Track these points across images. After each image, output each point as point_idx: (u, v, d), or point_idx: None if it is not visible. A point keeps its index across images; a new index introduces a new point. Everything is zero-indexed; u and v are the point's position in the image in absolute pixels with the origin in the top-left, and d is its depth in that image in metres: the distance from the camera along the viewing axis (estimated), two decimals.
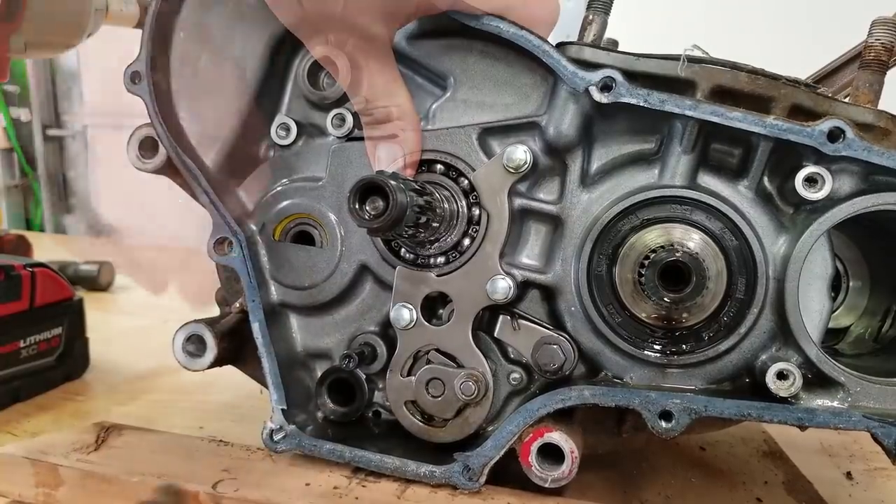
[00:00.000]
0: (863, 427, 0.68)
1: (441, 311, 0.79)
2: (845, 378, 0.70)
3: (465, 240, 0.75)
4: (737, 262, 0.72)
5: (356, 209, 0.63)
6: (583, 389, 0.73)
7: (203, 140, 0.84)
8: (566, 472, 0.72)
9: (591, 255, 0.75)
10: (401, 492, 0.75)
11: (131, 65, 0.79)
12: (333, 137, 0.81)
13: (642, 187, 0.75)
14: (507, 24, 0.73)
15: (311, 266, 0.82)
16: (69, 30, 1.16)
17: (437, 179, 0.76)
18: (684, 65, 0.72)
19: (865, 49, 0.80)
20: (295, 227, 0.82)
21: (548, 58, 0.72)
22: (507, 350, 0.79)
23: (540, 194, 0.78)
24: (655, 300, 0.71)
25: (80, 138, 4.69)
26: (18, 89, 4.41)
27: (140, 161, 0.82)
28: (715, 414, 0.70)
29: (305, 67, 0.85)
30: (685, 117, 0.70)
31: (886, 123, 0.74)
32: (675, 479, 0.90)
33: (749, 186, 0.74)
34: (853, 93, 0.80)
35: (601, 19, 0.80)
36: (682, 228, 0.72)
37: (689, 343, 0.74)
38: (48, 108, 4.64)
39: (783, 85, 0.72)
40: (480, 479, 0.74)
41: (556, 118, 0.74)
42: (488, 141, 0.77)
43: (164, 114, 0.80)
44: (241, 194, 0.85)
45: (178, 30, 0.82)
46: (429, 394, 0.77)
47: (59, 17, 1.13)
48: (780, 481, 0.91)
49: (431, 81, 0.82)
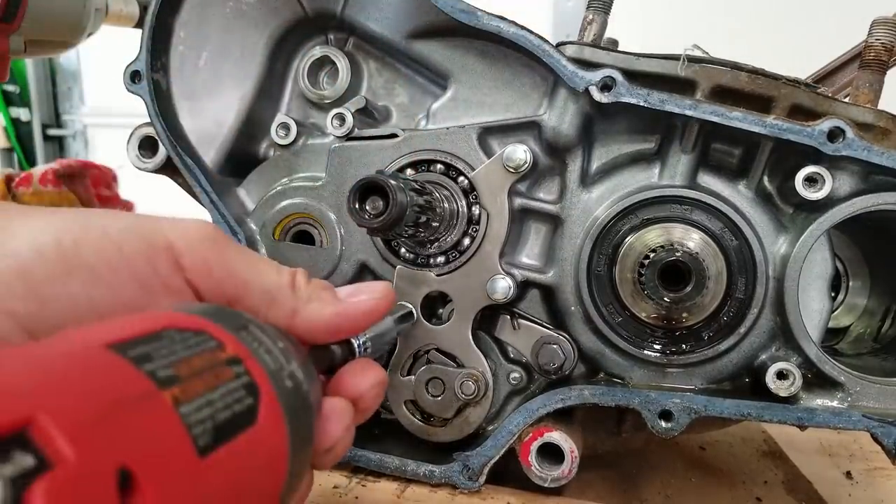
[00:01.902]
0: (862, 427, 0.68)
1: (441, 310, 0.79)
2: (845, 378, 0.71)
3: (465, 239, 0.75)
4: (737, 261, 0.72)
5: (356, 209, 0.63)
6: (583, 389, 0.73)
7: (203, 140, 0.84)
8: (566, 472, 0.72)
9: (591, 255, 0.75)
10: (400, 491, 0.75)
11: (131, 65, 0.79)
12: (333, 137, 0.81)
13: (642, 187, 0.75)
14: (507, 24, 0.73)
15: (311, 265, 0.82)
16: (69, 30, 1.16)
17: (436, 179, 0.76)
18: (684, 64, 0.72)
19: (865, 49, 0.80)
20: (295, 226, 0.82)
21: (548, 57, 0.72)
22: (507, 350, 0.79)
23: (540, 194, 0.78)
24: (655, 300, 0.71)
25: (80, 138, 4.69)
26: (18, 89, 4.41)
27: (140, 161, 0.82)
28: (715, 413, 0.71)
29: (305, 67, 0.85)
30: (685, 117, 0.70)
31: (886, 123, 0.74)
32: (675, 479, 0.90)
33: (749, 186, 0.74)
34: (853, 93, 0.80)
35: (601, 19, 0.80)
36: (681, 228, 0.72)
37: (688, 343, 0.74)
38: (48, 108, 4.63)
39: (783, 85, 0.72)
40: (480, 478, 0.75)
41: (555, 118, 0.74)
42: (488, 140, 0.77)
43: (164, 113, 0.80)
44: (241, 194, 0.85)
45: (178, 30, 0.83)
46: (428, 393, 0.77)
47: (59, 17, 1.13)
48: (779, 481, 0.91)
49: (431, 81, 0.82)
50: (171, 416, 0.31)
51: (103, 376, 0.30)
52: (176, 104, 0.83)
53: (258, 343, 0.41)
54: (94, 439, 0.27)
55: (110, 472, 0.26)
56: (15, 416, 0.25)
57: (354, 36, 0.85)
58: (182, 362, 0.34)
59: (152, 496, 0.28)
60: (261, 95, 0.85)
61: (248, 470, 0.35)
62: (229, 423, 0.34)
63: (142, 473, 0.27)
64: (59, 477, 0.24)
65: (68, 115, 4.68)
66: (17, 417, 0.25)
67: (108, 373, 0.30)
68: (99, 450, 0.26)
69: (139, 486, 0.27)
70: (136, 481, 0.27)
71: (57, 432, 0.25)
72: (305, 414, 0.42)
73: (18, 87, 4.40)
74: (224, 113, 0.84)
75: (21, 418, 0.25)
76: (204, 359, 0.36)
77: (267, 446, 0.37)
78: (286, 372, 0.41)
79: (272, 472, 0.38)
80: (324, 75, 0.86)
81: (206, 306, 0.44)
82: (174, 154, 0.80)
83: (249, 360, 0.38)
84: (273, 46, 0.84)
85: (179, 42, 0.83)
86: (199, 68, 0.84)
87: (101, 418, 0.28)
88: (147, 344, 0.33)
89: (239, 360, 0.38)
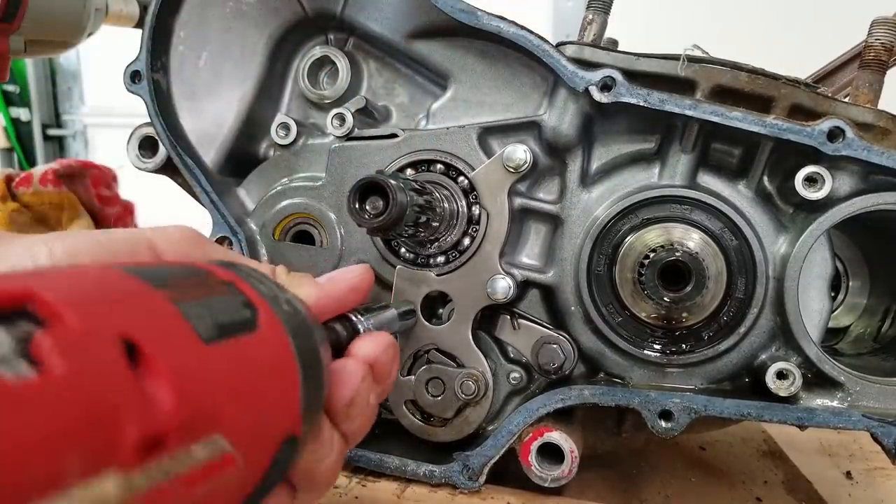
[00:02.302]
0: (862, 427, 0.68)
1: (441, 310, 0.79)
2: (845, 378, 0.71)
3: (465, 239, 0.75)
4: (736, 261, 0.72)
5: (356, 209, 0.63)
6: (583, 389, 0.73)
7: (203, 140, 0.84)
8: (566, 472, 0.72)
9: (591, 255, 0.75)
10: (400, 491, 0.75)
11: (131, 65, 0.79)
12: (333, 137, 0.81)
13: (642, 187, 0.75)
14: (508, 24, 0.73)
15: (311, 265, 0.82)
16: (69, 30, 1.16)
17: (436, 179, 0.76)
18: (684, 64, 0.72)
19: (865, 49, 0.79)
20: (295, 226, 0.82)
21: (548, 57, 0.72)
22: (507, 349, 0.79)
23: (540, 194, 0.78)
24: (655, 300, 0.71)
25: (80, 138, 4.69)
26: (18, 89, 4.41)
27: (140, 160, 0.82)
28: (714, 413, 0.71)
29: (305, 67, 0.85)
30: (685, 117, 0.70)
31: (886, 123, 0.74)
32: (675, 479, 0.90)
33: (749, 186, 0.74)
34: (853, 93, 0.80)
35: (601, 19, 0.80)
36: (681, 228, 0.72)
37: (688, 342, 0.74)
38: (48, 108, 4.63)
39: (783, 85, 0.72)
40: (480, 478, 0.75)
41: (555, 118, 0.74)
42: (488, 140, 0.77)
43: (164, 113, 0.80)
44: (241, 194, 0.85)
45: (178, 30, 0.83)
46: (428, 393, 0.77)
47: (59, 17, 1.13)
48: (779, 481, 0.91)
49: (431, 81, 0.82)
50: (169, 307, 0.32)
51: (101, 275, 0.31)
52: (176, 104, 0.83)
53: (248, 275, 0.41)
54: (94, 310, 0.28)
55: (112, 337, 0.27)
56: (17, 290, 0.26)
57: (354, 36, 0.85)
58: (176, 277, 0.35)
59: (162, 368, 0.28)
60: (261, 95, 0.85)
61: (257, 374, 0.35)
62: (229, 324, 0.35)
63: (147, 346, 0.28)
64: (60, 333, 0.25)
65: (68, 115, 4.68)
66: (17, 292, 0.26)
67: (105, 274, 0.32)
68: (98, 318, 0.27)
69: (146, 357, 0.28)
70: (143, 353, 0.28)
71: (57, 304, 0.26)
72: (309, 341, 0.42)
73: (18, 87, 4.40)
74: (224, 113, 0.84)
75: (21, 293, 0.26)
76: (198, 278, 0.37)
77: (271, 353, 0.37)
78: (282, 298, 0.42)
79: (283, 380, 0.38)
80: (324, 75, 0.86)
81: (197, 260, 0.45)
82: (174, 154, 0.80)
83: (242, 283, 0.39)
84: (273, 46, 0.84)
85: (179, 42, 0.83)
86: (199, 68, 0.84)
87: (100, 299, 0.29)
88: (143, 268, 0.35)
89: (232, 283, 0.39)
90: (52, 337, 0.25)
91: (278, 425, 0.37)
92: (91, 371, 0.25)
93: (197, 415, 0.29)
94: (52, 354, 0.24)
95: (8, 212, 1.29)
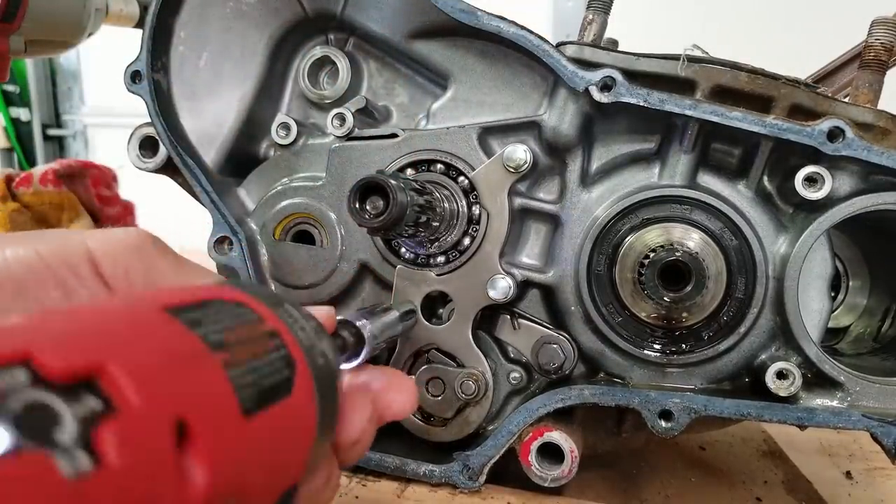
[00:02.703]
0: (862, 426, 0.68)
1: (441, 310, 0.79)
2: (845, 377, 0.71)
3: (465, 239, 0.75)
4: (736, 261, 0.72)
5: (356, 208, 0.63)
6: (583, 389, 0.73)
7: (203, 140, 0.84)
8: (566, 472, 0.72)
9: (591, 255, 0.75)
10: (400, 491, 0.75)
11: (131, 65, 0.79)
12: (333, 137, 0.81)
13: (642, 187, 0.75)
14: (508, 24, 0.73)
15: (311, 265, 0.82)
16: (69, 30, 1.16)
17: (436, 179, 0.76)
18: (684, 64, 0.72)
19: (865, 49, 0.80)
20: (295, 226, 0.82)
21: (548, 57, 0.72)
22: (507, 349, 0.79)
23: (540, 194, 0.78)
24: (655, 300, 0.71)
25: (80, 138, 4.69)
26: (18, 89, 4.41)
27: (140, 160, 0.82)
28: (714, 413, 0.71)
29: (306, 67, 0.85)
30: (685, 117, 0.70)
31: (886, 123, 0.74)
32: (675, 479, 0.90)
33: (749, 186, 0.74)
34: (853, 93, 0.80)
35: (601, 19, 0.80)
36: (681, 228, 0.73)
37: (688, 342, 0.74)
38: (48, 108, 4.64)
39: (783, 85, 0.72)
40: (480, 478, 0.75)
41: (555, 118, 0.74)
42: (488, 140, 0.77)
43: (164, 113, 0.80)
44: (242, 194, 0.85)
45: (179, 30, 0.83)
46: (429, 393, 0.77)
47: (59, 17, 1.13)
48: (779, 481, 0.91)
49: (431, 81, 0.82)
50: (223, 377, 0.32)
51: (163, 334, 0.32)
52: (176, 104, 0.83)
53: (293, 320, 0.42)
54: (156, 390, 0.28)
55: (169, 422, 0.28)
56: (87, 363, 0.26)
57: (354, 36, 0.85)
58: (228, 330, 0.35)
59: (204, 448, 0.29)
60: (261, 95, 0.85)
61: (281, 440, 0.36)
62: (270, 391, 0.35)
63: (196, 426, 0.29)
64: (124, 421, 0.26)
65: (68, 115, 4.68)
66: (89, 364, 0.26)
67: (166, 332, 0.32)
68: (160, 399, 0.28)
69: (193, 437, 0.28)
70: (190, 433, 0.28)
71: (125, 381, 0.26)
72: (332, 394, 0.43)
73: (18, 87, 4.40)
74: (224, 113, 0.84)
75: (92, 365, 0.26)
76: (247, 329, 0.37)
77: (298, 419, 0.38)
78: (318, 350, 0.42)
79: (301, 440, 0.38)
80: (324, 75, 0.86)
81: (244, 283, 0.45)
82: (174, 154, 0.80)
83: (287, 334, 0.39)
84: (273, 47, 0.84)
85: (180, 42, 0.83)
86: (199, 68, 0.84)
87: (162, 371, 0.29)
88: (197, 311, 0.35)
89: (277, 334, 0.39)
90: (116, 426, 0.25)
91: (286, 480, 0.38)
92: (145, 464, 0.26)
93: (225, 489, 0.30)
94: (113, 448, 0.25)
95: (8, 212, 1.29)
